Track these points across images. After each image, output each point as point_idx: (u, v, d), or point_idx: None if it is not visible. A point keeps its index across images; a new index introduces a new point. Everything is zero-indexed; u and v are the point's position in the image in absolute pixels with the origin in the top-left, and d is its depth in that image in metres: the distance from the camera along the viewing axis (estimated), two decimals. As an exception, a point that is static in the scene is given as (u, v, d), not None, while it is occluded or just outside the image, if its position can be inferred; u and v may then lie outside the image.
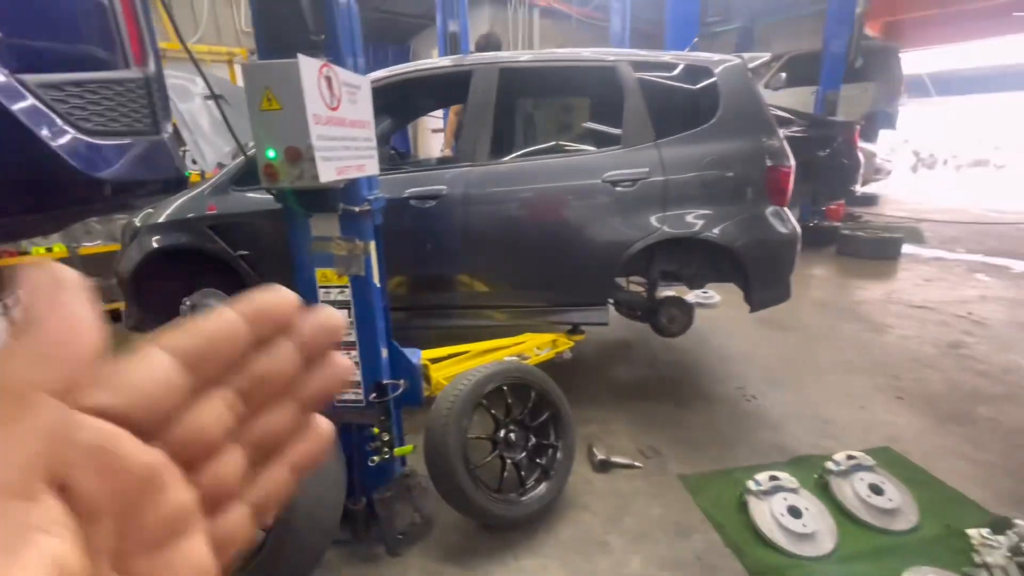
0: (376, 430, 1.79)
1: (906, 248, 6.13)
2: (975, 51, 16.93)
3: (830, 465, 2.03)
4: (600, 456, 2.26)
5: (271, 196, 1.64)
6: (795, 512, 1.85)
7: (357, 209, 1.61)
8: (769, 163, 2.38)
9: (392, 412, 1.84)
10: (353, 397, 1.81)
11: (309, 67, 1.29)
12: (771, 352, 3.41)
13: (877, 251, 5.77)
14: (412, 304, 2.72)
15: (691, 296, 4.34)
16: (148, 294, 2.70)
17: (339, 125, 1.46)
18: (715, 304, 4.36)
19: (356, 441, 1.81)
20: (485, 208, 2.45)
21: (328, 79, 1.40)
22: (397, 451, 1.87)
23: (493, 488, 1.86)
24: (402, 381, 1.97)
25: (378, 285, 1.77)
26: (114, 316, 3.59)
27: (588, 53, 2.57)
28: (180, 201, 2.61)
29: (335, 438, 1.77)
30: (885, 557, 1.74)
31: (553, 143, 2.93)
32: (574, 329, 2.77)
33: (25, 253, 3.63)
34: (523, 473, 1.94)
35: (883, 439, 2.42)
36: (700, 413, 2.69)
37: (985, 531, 1.70)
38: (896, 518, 1.87)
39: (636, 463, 2.28)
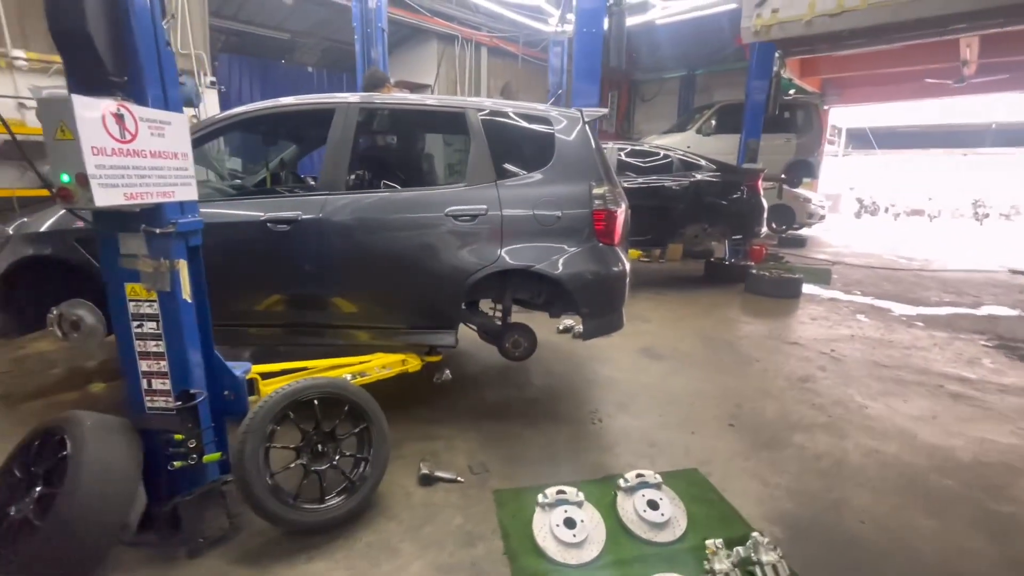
0: (179, 436, 1.91)
1: (808, 288, 6.55)
2: (910, 110, 18.30)
3: (620, 482, 2.22)
4: (424, 471, 2.41)
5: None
6: (570, 523, 2.02)
7: (158, 231, 1.77)
8: (596, 206, 2.64)
9: (200, 420, 1.97)
10: (163, 404, 1.94)
11: (85, 106, 1.47)
12: (637, 379, 3.64)
13: (780, 290, 6.15)
14: (283, 321, 2.86)
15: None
16: (15, 301, 2.78)
17: (134, 156, 1.64)
18: (608, 334, 4.60)
19: (158, 446, 1.93)
20: (338, 234, 2.64)
21: (119, 116, 1.58)
22: (206, 458, 1.99)
23: (291, 496, 1.99)
24: (227, 392, 2.12)
25: (189, 301, 1.93)
26: None
27: (440, 100, 2.83)
28: (55, 214, 2.73)
29: (136, 441, 1.89)
30: (637, 565, 1.92)
31: (403, 177, 3.18)
32: (431, 351, 2.95)
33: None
34: (325, 483, 2.07)
35: (696, 461, 2.63)
36: (545, 433, 2.87)
37: (720, 542, 1.90)
38: (663, 530, 2.06)
39: (459, 478, 2.43)
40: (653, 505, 2.13)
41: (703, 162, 6.37)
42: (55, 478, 1.75)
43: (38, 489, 1.77)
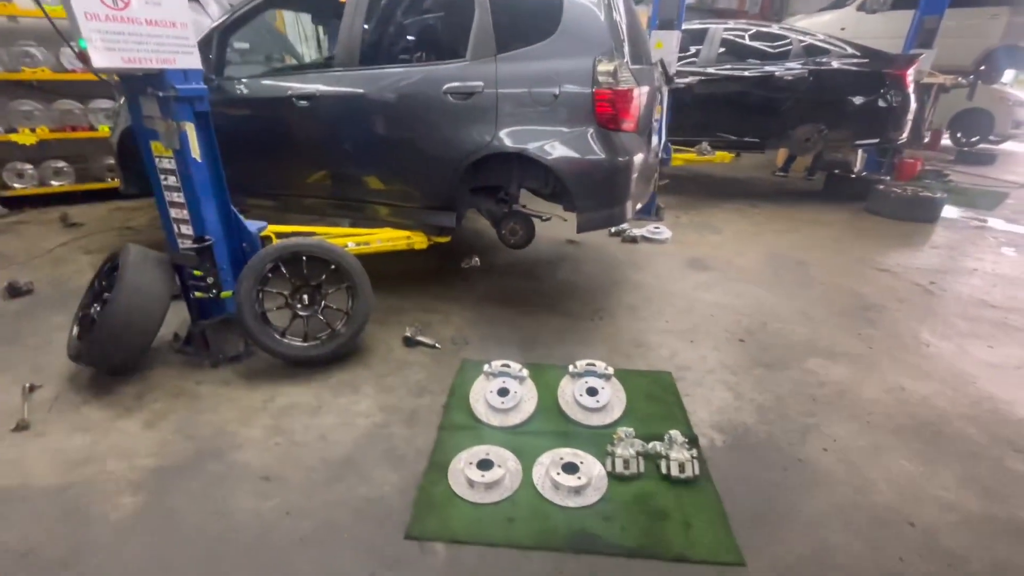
0: (197, 272, 2.37)
1: (955, 213, 5.34)
2: None
3: (570, 367, 2.27)
4: (408, 333, 2.68)
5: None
6: (503, 392, 2.15)
7: (161, 94, 2.08)
8: (600, 85, 2.41)
9: (216, 261, 2.40)
10: (188, 246, 2.40)
11: (74, -25, 1.73)
12: (664, 287, 3.46)
13: (907, 211, 5.09)
14: (315, 194, 3.21)
15: (642, 230, 4.38)
16: (132, 164, 3.48)
17: (130, 23, 1.91)
18: (664, 240, 4.34)
19: (187, 278, 2.41)
20: (350, 110, 2.80)
21: (112, -15, 1.83)
22: (223, 294, 2.45)
23: (280, 331, 2.39)
24: (245, 244, 2.53)
25: (199, 160, 2.27)
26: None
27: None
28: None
29: (168, 271, 2.38)
30: (550, 437, 2.02)
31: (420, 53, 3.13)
32: (441, 231, 3.11)
33: (12, 131, 4.53)
34: (309, 327, 2.44)
35: (674, 367, 2.54)
36: (539, 322, 2.95)
37: (630, 431, 1.90)
38: (592, 415, 2.10)
39: (437, 345, 2.67)
40: (592, 392, 2.16)
41: (840, 47, 5.21)
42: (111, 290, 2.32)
43: (104, 295, 2.38)
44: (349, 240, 2.85)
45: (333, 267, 2.44)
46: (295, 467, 1.89)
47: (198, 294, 2.41)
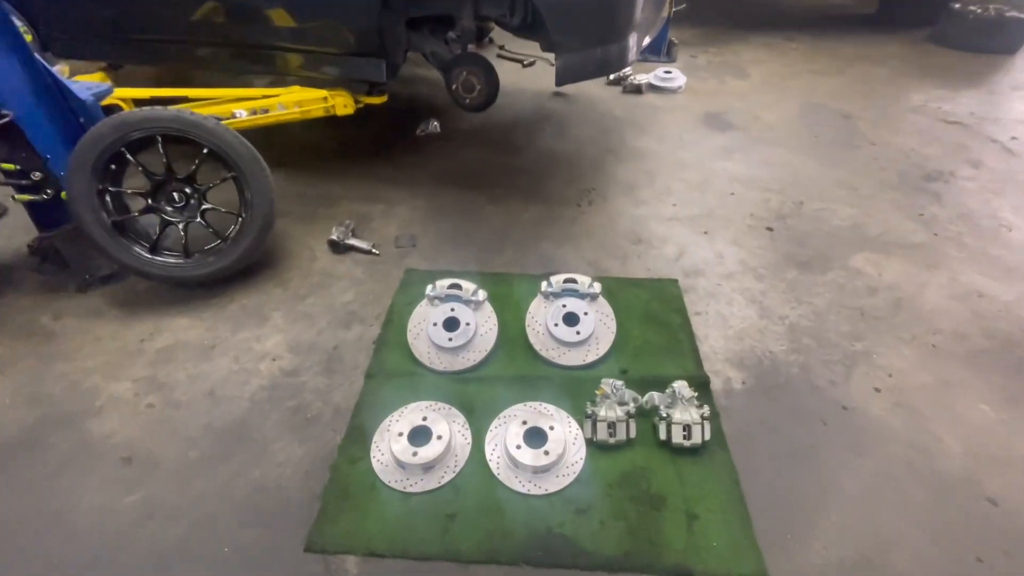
0: (7, 165, 1.66)
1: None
2: None
3: (542, 285, 1.68)
4: (334, 236, 2.05)
5: None
6: (451, 324, 1.60)
7: None
8: None
9: (36, 148, 1.67)
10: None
11: None
12: (673, 155, 2.71)
13: (987, 39, 4.03)
14: (196, 36, 2.30)
15: (649, 76, 3.45)
16: None
17: None
18: (675, 88, 3.43)
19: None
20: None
21: None
22: (64, 194, 1.76)
23: (147, 246, 1.76)
24: (83, 119, 1.77)
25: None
26: None
27: None
28: None
29: None
30: (513, 387, 1.52)
31: None
32: (371, 89, 2.28)
33: None
34: (189, 239, 1.80)
35: (683, 271, 1.95)
36: (509, 211, 2.29)
37: (619, 383, 1.38)
38: (570, 352, 1.58)
39: (375, 250, 2.05)
40: (571, 320, 1.61)
41: None
42: None
43: None
44: (239, 107, 2.05)
45: (206, 151, 1.72)
46: (170, 440, 1.42)
47: (22, 197, 1.73)
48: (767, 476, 1.31)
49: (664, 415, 1.35)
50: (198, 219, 1.81)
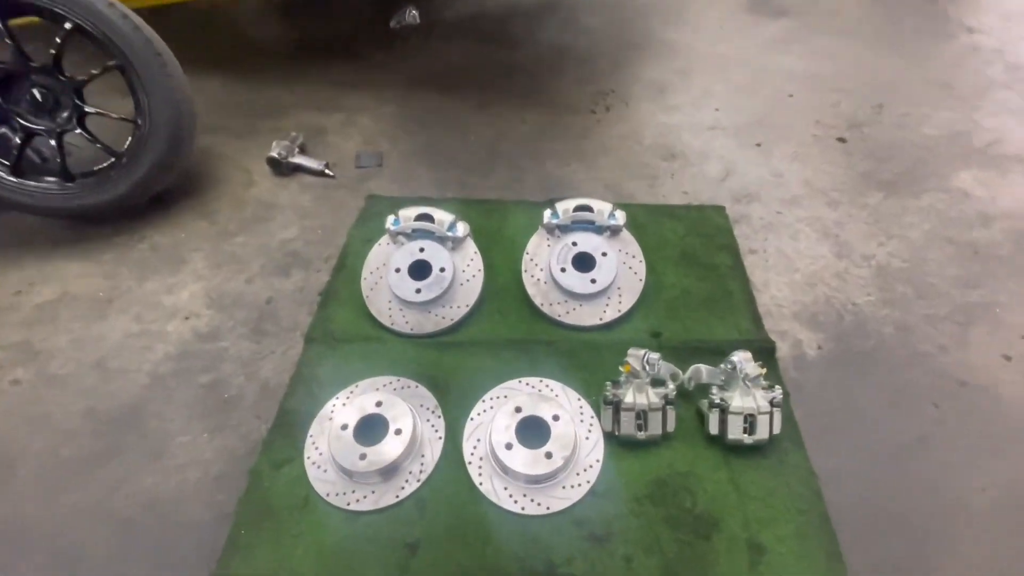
0: None
1: None
2: None
3: (547, 215, 1.23)
4: (275, 153, 1.58)
5: None
6: (419, 270, 1.17)
7: None
8: None
9: None
10: None
11: None
12: (712, 49, 2.13)
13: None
14: None
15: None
16: None
17: None
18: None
19: None
20: None
21: None
22: None
23: (7, 164, 1.30)
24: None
25: None
26: None
27: None
28: None
29: None
30: (510, 355, 1.11)
31: None
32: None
33: None
34: (68, 155, 1.33)
35: (731, 195, 1.49)
36: (504, 121, 1.79)
37: (655, 357, 0.97)
38: (582, 308, 1.16)
39: (328, 171, 1.59)
40: (584, 263, 1.18)
41: None
42: None
43: None
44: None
45: (69, 26, 1.22)
46: (36, 432, 1.04)
47: None
48: (858, 487, 0.93)
49: (717, 400, 0.95)
50: (76, 128, 1.33)
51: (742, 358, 0.96)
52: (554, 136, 1.73)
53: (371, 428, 0.97)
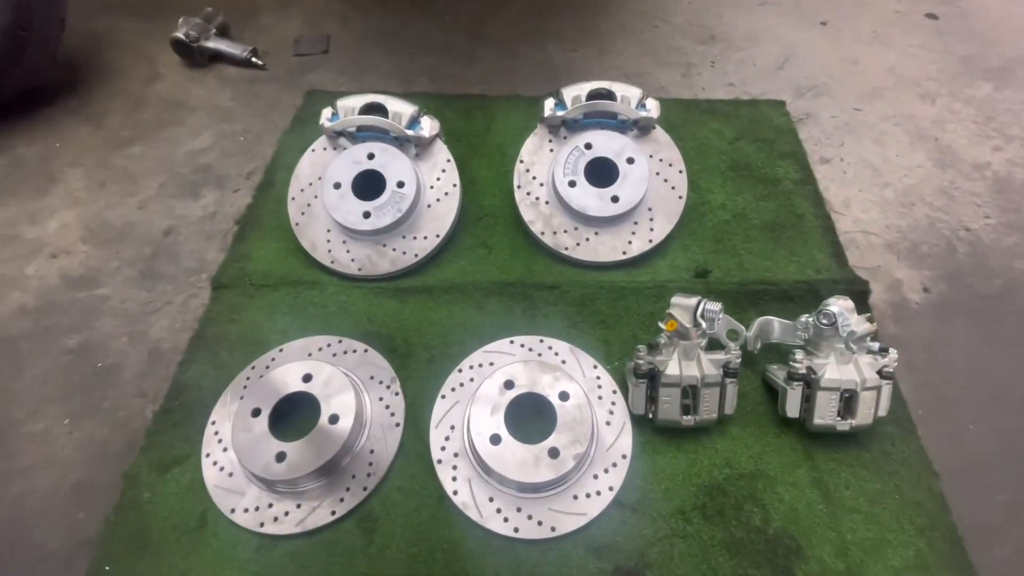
0: None
1: None
2: None
3: (548, 105, 0.86)
4: (180, 34, 1.17)
5: None
6: (370, 185, 0.83)
7: None
8: None
9: None
10: None
11: None
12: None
13: None
14: None
15: None
16: None
17: None
18: None
19: None
20: None
21: None
22: None
23: None
24: None
25: None
26: None
27: None
28: None
29: None
30: (499, 307, 0.80)
31: None
32: None
33: None
34: None
35: (793, 86, 1.13)
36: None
37: (717, 308, 0.65)
38: (600, 236, 0.83)
39: (256, 60, 1.19)
40: (601, 174, 0.83)
41: None
42: None
43: None
44: None
45: None
46: None
47: None
48: (997, 490, 0.65)
49: (801, 368, 0.64)
50: None
51: (843, 307, 0.65)
52: (556, 13, 1.32)
53: (298, 412, 0.67)
